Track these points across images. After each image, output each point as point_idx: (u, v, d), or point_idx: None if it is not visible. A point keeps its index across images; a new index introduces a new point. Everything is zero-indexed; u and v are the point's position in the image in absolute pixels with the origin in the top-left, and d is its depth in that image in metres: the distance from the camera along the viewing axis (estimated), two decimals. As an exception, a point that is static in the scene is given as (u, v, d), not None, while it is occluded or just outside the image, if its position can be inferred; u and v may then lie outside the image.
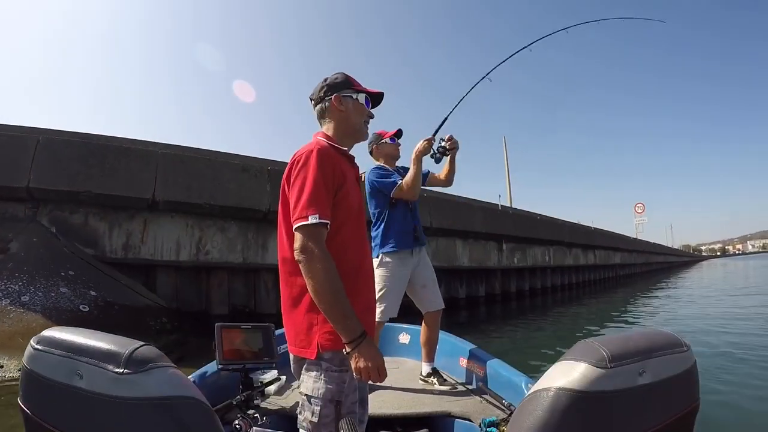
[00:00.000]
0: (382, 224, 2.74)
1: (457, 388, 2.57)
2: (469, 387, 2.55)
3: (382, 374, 1.32)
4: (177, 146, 7.51)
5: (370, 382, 1.35)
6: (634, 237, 34.31)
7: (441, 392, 2.51)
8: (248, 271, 7.73)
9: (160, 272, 6.86)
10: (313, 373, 1.37)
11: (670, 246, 63.63)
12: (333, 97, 1.52)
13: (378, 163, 2.86)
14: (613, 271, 28.13)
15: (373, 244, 2.72)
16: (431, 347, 2.76)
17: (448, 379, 2.69)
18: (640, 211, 36.22)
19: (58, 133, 6.54)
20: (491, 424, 1.92)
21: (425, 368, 2.72)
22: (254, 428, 1.85)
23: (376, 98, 1.63)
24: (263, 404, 2.17)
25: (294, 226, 1.32)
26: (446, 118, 2.90)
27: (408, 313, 2.92)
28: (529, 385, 2.09)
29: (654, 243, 45.01)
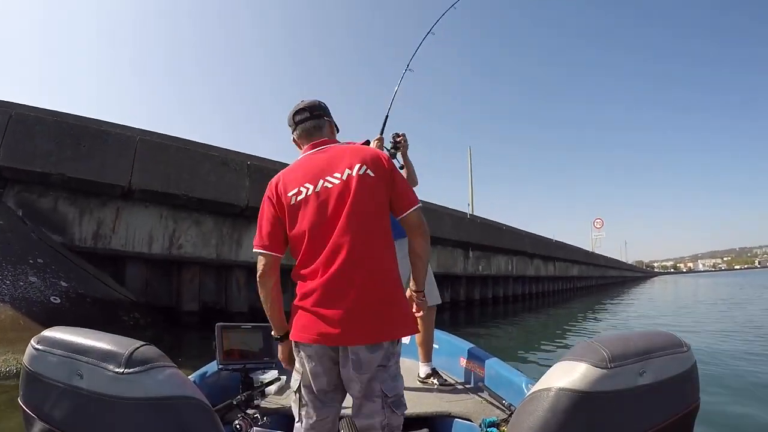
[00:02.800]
0: None
1: (457, 388, 2.65)
2: (469, 387, 2.63)
3: None
4: (156, 133, 7.54)
5: None
6: (591, 251, 36.40)
7: (441, 392, 2.60)
8: (220, 267, 7.88)
9: (130, 264, 6.90)
10: (394, 367, 1.58)
11: (624, 261, 67.39)
12: (329, 120, 1.80)
13: None
14: (570, 283, 29.80)
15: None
16: (428, 346, 2.85)
17: (448, 379, 2.77)
18: (598, 226, 38.55)
19: (32, 109, 6.44)
20: (491, 424, 2.01)
21: (423, 369, 2.79)
22: (254, 428, 1.95)
23: None
24: (264, 404, 2.24)
25: (416, 207, 1.64)
26: (387, 116, 3.26)
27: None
28: (530, 385, 2.17)
29: (610, 257, 47.79)
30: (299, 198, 1.59)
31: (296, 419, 1.64)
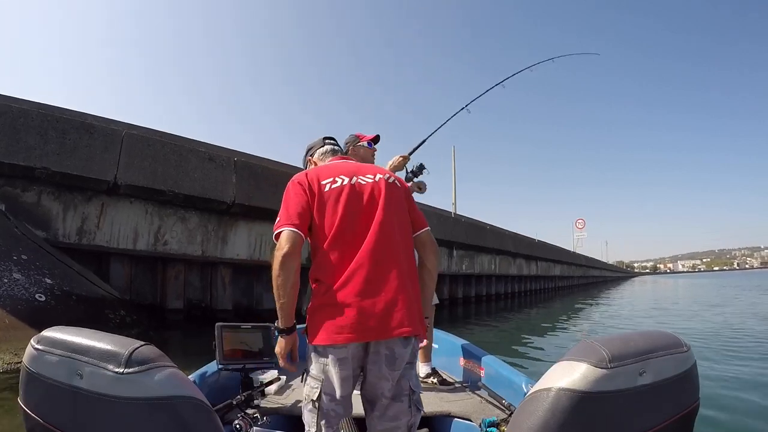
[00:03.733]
0: None
1: (456, 387, 2.71)
2: (469, 387, 2.68)
3: None
4: (143, 127, 7.56)
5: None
6: (573, 251, 37.24)
7: (441, 392, 2.65)
8: (205, 265, 7.96)
9: (114, 261, 6.94)
10: (416, 364, 1.67)
11: (604, 261, 68.76)
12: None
13: None
14: (552, 282, 30.53)
15: None
16: (428, 346, 2.90)
17: (448, 379, 2.84)
18: (580, 226, 39.40)
19: (16, 101, 6.41)
20: (491, 424, 2.04)
21: (423, 369, 2.84)
22: (254, 428, 1.98)
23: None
24: (263, 404, 2.28)
25: (428, 228, 1.80)
26: (424, 141, 3.33)
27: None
28: (529, 385, 2.20)
29: (591, 257, 48.90)
30: (334, 186, 1.62)
31: (312, 428, 1.54)
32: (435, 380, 2.79)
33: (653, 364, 0.97)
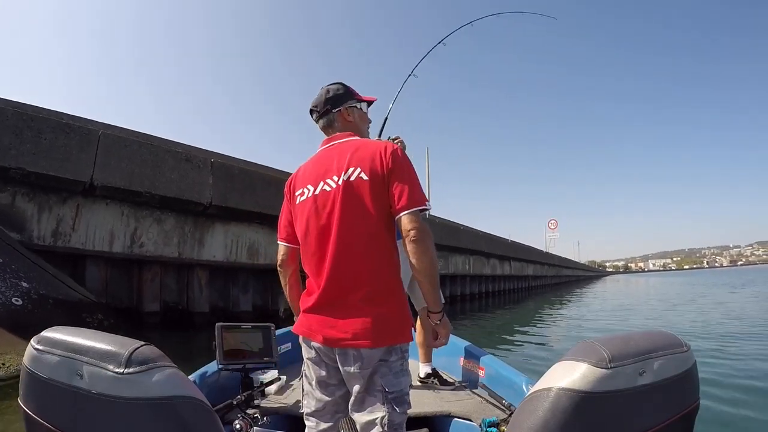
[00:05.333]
0: None
1: (457, 387, 2.76)
2: (469, 387, 2.72)
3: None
4: (119, 127, 7.62)
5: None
6: (545, 251, 38.42)
7: (441, 392, 2.70)
8: (181, 267, 8.10)
9: (90, 263, 7.02)
10: (398, 363, 1.55)
11: (577, 261, 70.52)
12: (340, 109, 1.76)
13: None
14: (526, 282, 31.45)
15: None
16: (429, 346, 2.93)
17: (448, 379, 2.91)
18: (552, 227, 40.74)
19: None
20: (491, 424, 2.08)
21: (423, 370, 2.90)
22: (255, 428, 2.02)
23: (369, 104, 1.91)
24: (264, 404, 2.32)
25: (415, 209, 1.52)
26: (387, 117, 3.45)
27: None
28: (529, 385, 2.26)
29: (563, 257, 50.34)
30: (302, 199, 1.67)
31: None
32: (435, 380, 2.88)
33: (653, 364, 1.00)
